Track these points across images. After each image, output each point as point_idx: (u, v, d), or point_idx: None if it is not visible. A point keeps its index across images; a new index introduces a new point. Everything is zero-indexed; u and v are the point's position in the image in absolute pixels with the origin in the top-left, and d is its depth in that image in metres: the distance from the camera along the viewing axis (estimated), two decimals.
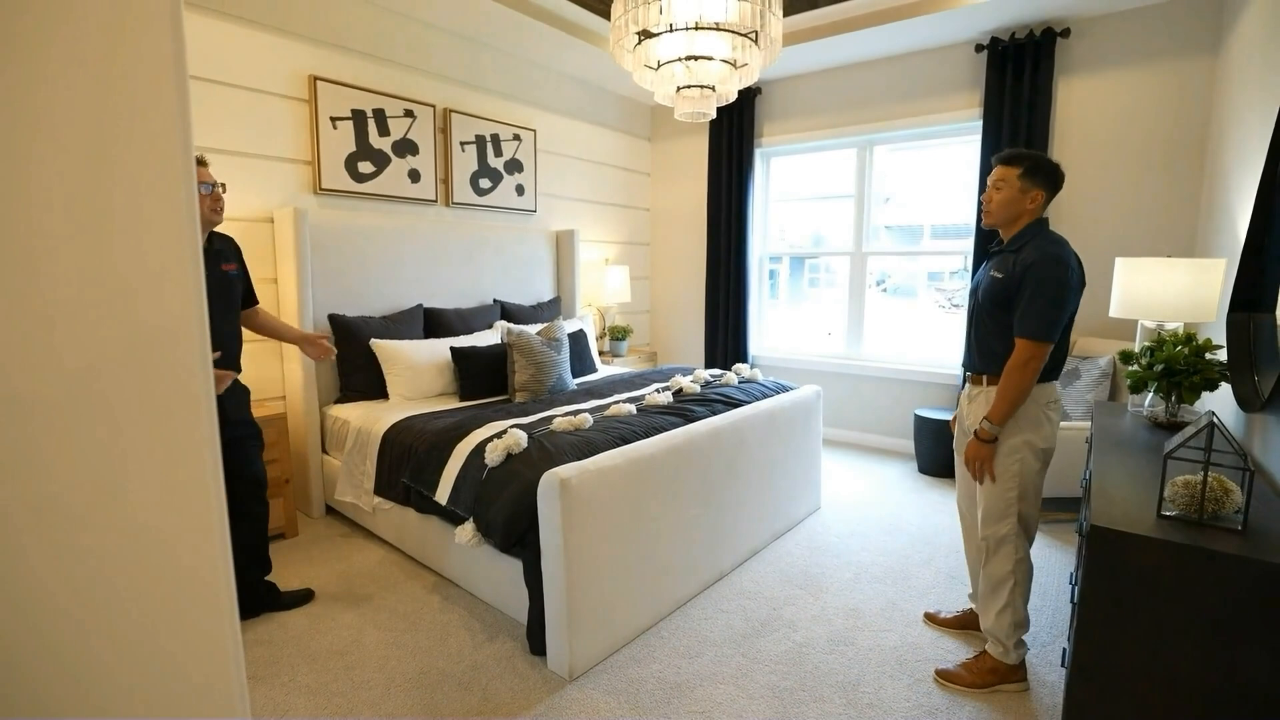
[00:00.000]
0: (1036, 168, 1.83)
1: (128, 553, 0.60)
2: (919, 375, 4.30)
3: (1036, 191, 1.84)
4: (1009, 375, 1.77)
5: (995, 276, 1.86)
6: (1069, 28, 3.56)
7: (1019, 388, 1.76)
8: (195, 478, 0.62)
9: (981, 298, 1.92)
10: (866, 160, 4.53)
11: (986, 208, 1.91)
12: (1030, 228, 1.85)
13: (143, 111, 0.57)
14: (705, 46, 2.52)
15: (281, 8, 3.08)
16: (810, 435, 3.20)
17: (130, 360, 0.59)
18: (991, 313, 1.87)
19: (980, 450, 1.86)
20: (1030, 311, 1.75)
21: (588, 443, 2.23)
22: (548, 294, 4.48)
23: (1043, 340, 1.74)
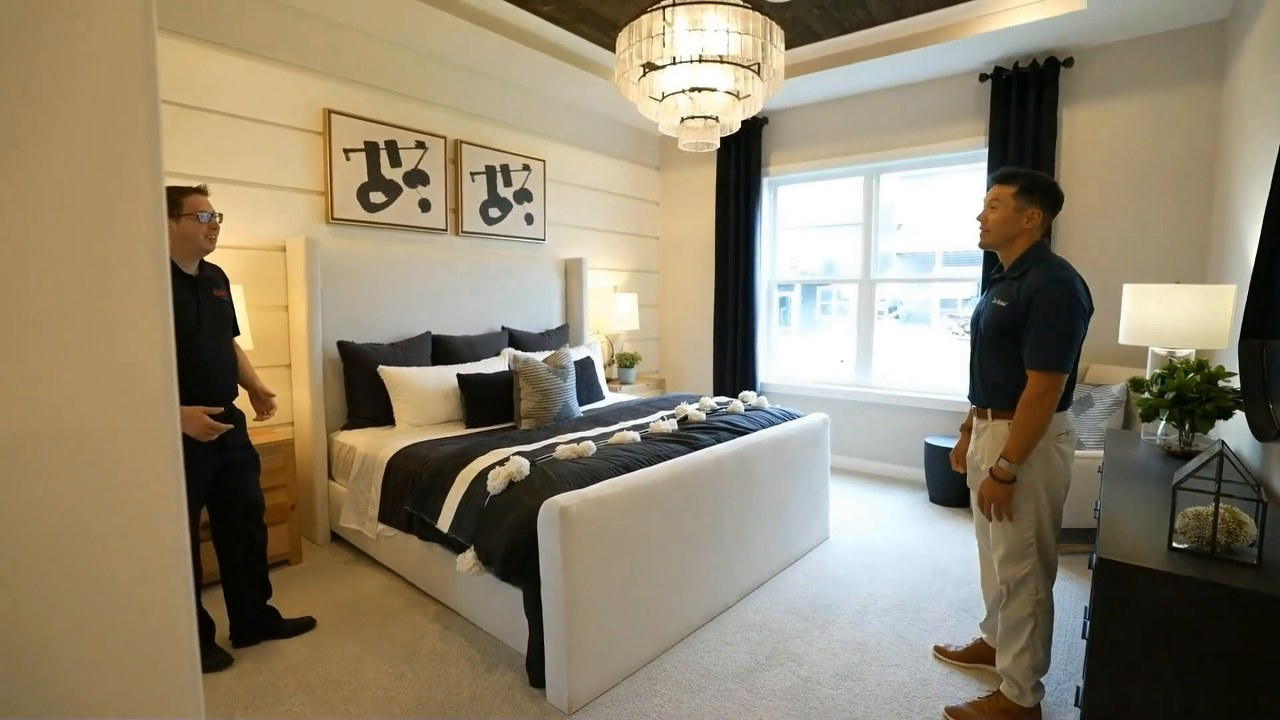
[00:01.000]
0: (1032, 186, 1.79)
1: (83, 593, 0.59)
2: (929, 403, 4.25)
3: (1033, 210, 1.79)
4: (1025, 410, 1.70)
5: (999, 305, 1.80)
6: (1071, 57, 3.59)
7: (1037, 422, 1.69)
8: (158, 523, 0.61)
9: (984, 328, 1.86)
10: (873, 188, 4.55)
11: (983, 227, 1.87)
12: (1031, 251, 1.80)
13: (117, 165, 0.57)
14: (708, 78, 2.56)
15: (299, 44, 3.18)
16: (818, 464, 3.16)
17: (101, 398, 0.58)
18: (996, 342, 1.81)
19: (997, 491, 1.76)
20: (1041, 341, 1.68)
21: (590, 471, 2.21)
22: (556, 321, 4.50)
23: (1057, 370, 1.67)
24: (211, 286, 2.15)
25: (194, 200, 2.03)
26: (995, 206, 1.84)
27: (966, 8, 3.43)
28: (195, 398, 2.05)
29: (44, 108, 0.54)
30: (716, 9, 2.38)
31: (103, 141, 0.57)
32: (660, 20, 2.40)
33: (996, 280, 1.90)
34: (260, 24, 3.04)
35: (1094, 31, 3.40)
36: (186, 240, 2.02)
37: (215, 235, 2.10)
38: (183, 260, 2.05)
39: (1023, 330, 1.74)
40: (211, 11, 2.88)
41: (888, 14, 3.54)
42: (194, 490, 2.07)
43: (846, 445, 4.64)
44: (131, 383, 0.60)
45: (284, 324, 3.22)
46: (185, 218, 2.00)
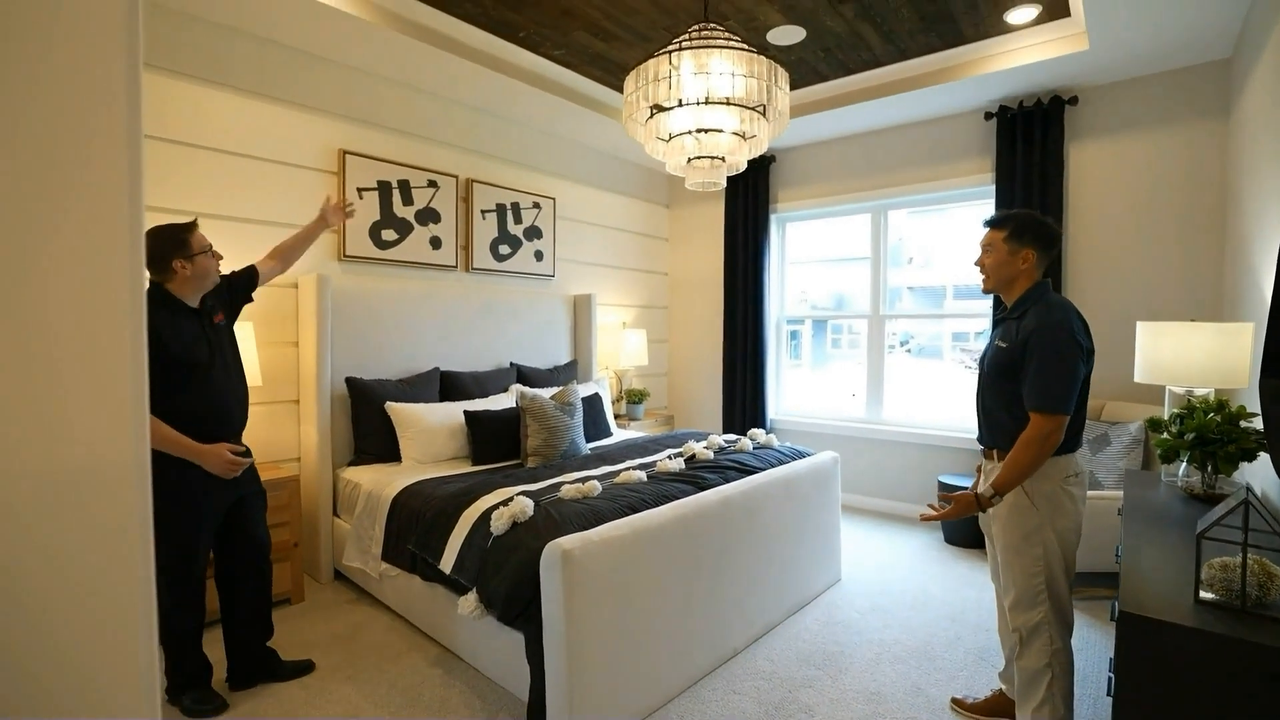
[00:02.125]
0: (1022, 228, 1.80)
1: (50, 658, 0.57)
2: (942, 440, 4.18)
3: (1026, 251, 1.79)
4: (1022, 448, 1.67)
5: (999, 346, 1.81)
6: (1076, 96, 3.62)
7: (1031, 461, 1.66)
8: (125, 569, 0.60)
9: (987, 367, 1.86)
10: (881, 224, 4.56)
11: (981, 273, 1.89)
12: (1031, 292, 1.80)
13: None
14: (714, 120, 2.60)
15: (316, 88, 3.27)
16: (828, 503, 3.10)
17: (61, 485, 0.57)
18: (997, 383, 1.80)
19: (965, 509, 1.76)
20: (1039, 382, 1.67)
21: (595, 511, 2.18)
22: (564, 357, 4.50)
23: (1056, 412, 1.65)
24: (212, 315, 2.13)
25: (199, 237, 2.03)
26: (988, 251, 1.86)
27: (969, 49, 3.48)
28: (212, 434, 2.03)
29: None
30: (722, 53, 2.42)
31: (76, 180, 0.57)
32: (666, 64, 2.44)
33: (1000, 320, 1.91)
34: (279, 69, 3.13)
35: (1097, 71, 3.43)
36: (203, 277, 2.03)
37: (220, 261, 2.10)
38: (189, 297, 2.04)
39: (1022, 371, 1.72)
40: (232, 57, 2.97)
41: (891, 56, 3.60)
42: (206, 529, 2.06)
43: (858, 483, 4.56)
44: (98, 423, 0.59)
45: (294, 360, 3.24)
46: (199, 256, 2.01)
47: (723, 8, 3.06)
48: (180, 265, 1.98)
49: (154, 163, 2.76)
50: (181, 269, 1.98)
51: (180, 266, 1.98)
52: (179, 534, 1.98)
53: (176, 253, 1.97)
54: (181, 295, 2.02)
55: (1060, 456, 1.72)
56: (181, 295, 2.02)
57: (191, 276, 2.00)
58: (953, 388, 4.49)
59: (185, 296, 2.03)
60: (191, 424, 1.98)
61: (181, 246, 1.98)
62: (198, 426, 2.00)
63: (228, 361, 2.13)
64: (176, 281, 2.00)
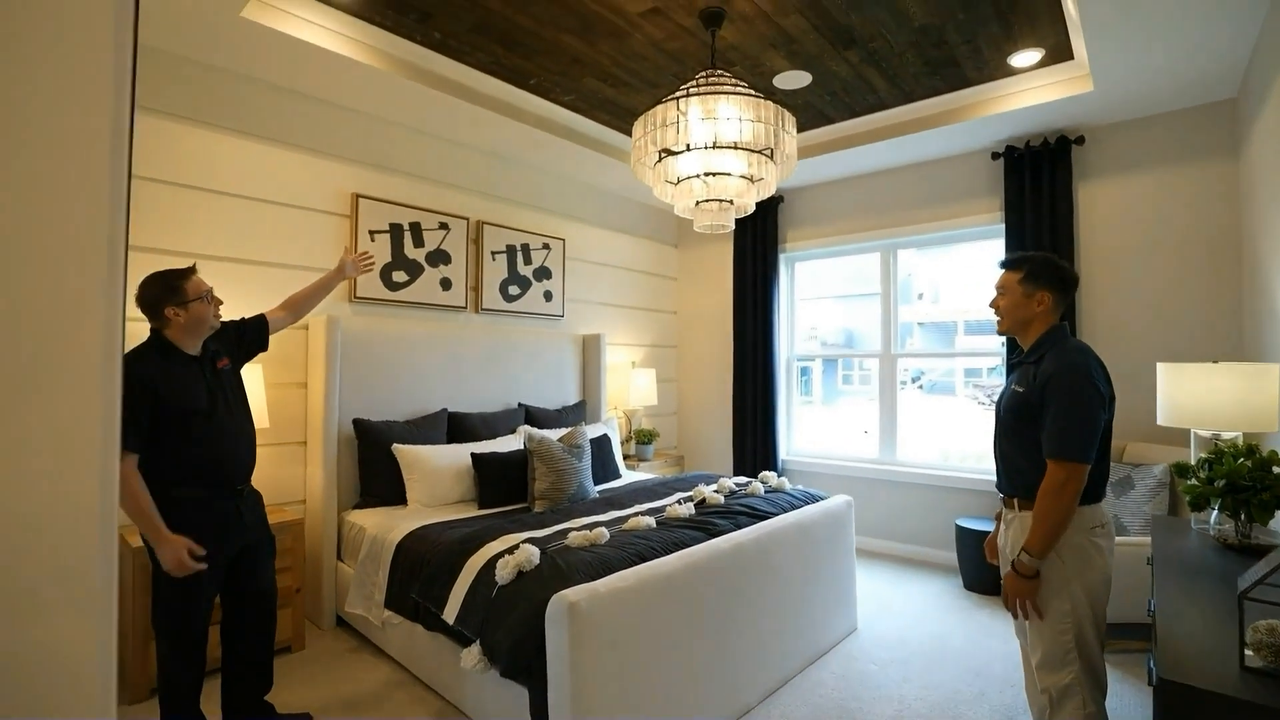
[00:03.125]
0: (1038, 270, 1.77)
1: None
2: (959, 481, 4.08)
3: (1042, 294, 1.76)
4: (1044, 500, 1.61)
5: (1016, 390, 1.77)
6: (1082, 135, 3.63)
7: (1057, 513, 1.59)
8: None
9: (1004, 413, 1.82)
10: (891, 263, 4.56)
11: (996, 314, 1.86)
12: (1049, 336, 1.76)
13: None
14: (722, 163, 2.62)
15: (330, 134, 3.34)
16: (842, 549, 3.01)
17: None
18: (1015, 429, 1.75)
19: (1020, 586, 1.65)
20: (1058, 429, 1.61)
21: (602, 560, 2.11)
22: (573, 397, 4.47)
23: (1076, 460, 1.58)
24: (215, 360, 2.09)
25: (196, 283, 1.98)
26: (1003, 293, 1.84)
27: (974, 91, 3.51)
28: (216, 481, 2.00)
29: None
30: (729, 98, 2.45)
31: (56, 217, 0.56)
32: (675, 110, 2.48)
33: (1016, 364, 1.86)
34: (295, 116, 3.21)
35: (1103, 112, 3.45)
36: (197, 324, 1.98)
37: (219, 310, 2.06)
38: (188, 343, 2.00)
39: (1040, 417, 1.68)
40: (249, 105, 3.05)
41: (897, 98, 3.64)
42: (208, 580, 1.99)
43: (873, 526, 4.45)
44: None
45: (302, 401, 3.23)
46: (193, 303, 1.96)
47: (729, 54, 3.12)
48: (173, 312, 1.94)
49: (169, 207, 2.81)
50: (175, 316, 1.94)
51: (173, 314, 1.94)
52: (179, 585, 1.92)
53: (169, 299, 1.94)
54: (179, 342, 1.98)
55: (1084, 506, 1.65)
56: (179, 342, 1.98)
57: (186, 323, 1.96)
58: (967, 424, 4.41)
59: (183, 344, 1.99)
60: (192, 472, 1.95)
61: (174, 293, 1.94)
62: (199, 474, 1.97)
63: (232, 407, 2.08)
64: (172, 329, 1.96)
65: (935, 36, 2.97)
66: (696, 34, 2.93)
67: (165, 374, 1.92)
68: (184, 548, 1.86)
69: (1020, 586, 1.65)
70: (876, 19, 2.82)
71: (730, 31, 2.91)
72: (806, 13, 2.78)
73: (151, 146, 2.76)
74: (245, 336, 2.28)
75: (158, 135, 2.78)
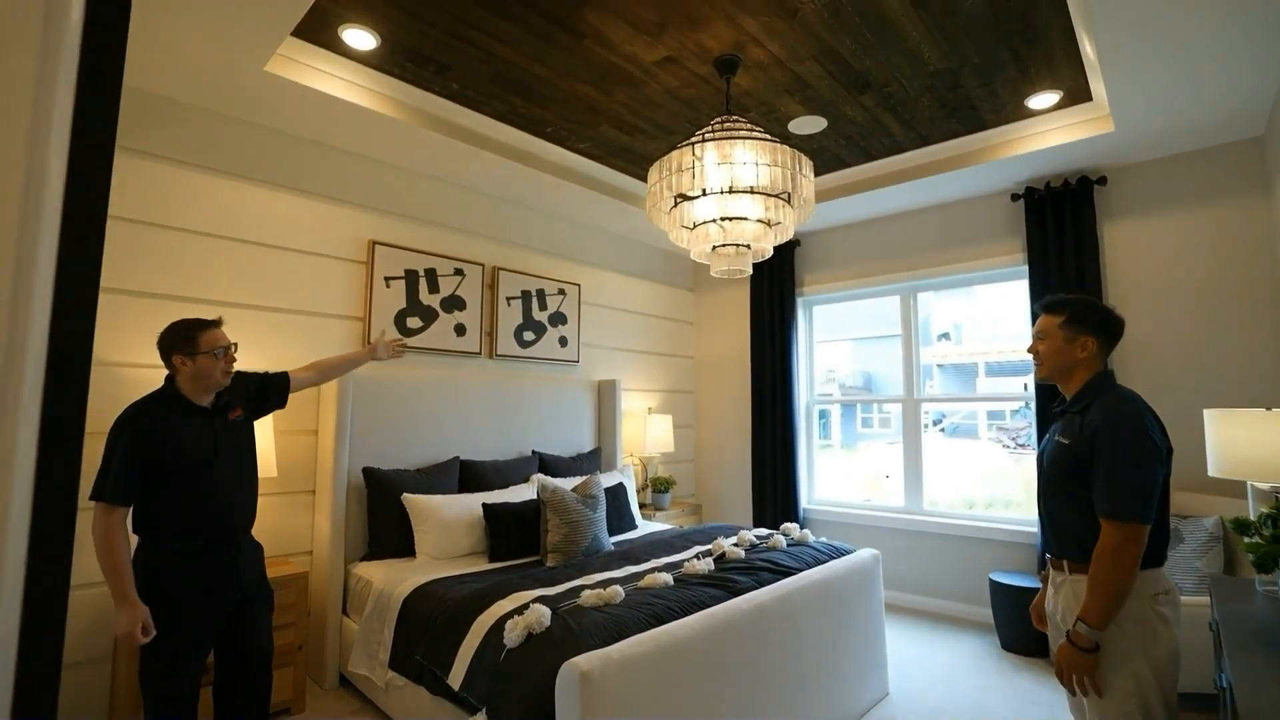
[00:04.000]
0: (1081, 314, 1.67)
1: None
2: (991, 533, 3.89)
3: (1085, 339, 1.65)
4: (1100, 565, 1.47)
5: (1061, 442, 1.64)
6: (1104, 176, 3.57)
7: (1116, 579, 1.45)
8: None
9: (1048, 467, 1.69)
10: (911, 306, 4.47)
11: (1036, 360, 1.75)
12: (1094, 383, 1.64)
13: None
14: (739, 208, 2.59)
15: (348, 183, 3.38)
16: (871, 607, 2.84)
17: None
18: (1062, 485, 1.63)
19: (1077, 660, 1.49)
20: (1111, 486, 1.48)
21: (617, 622, 1.99)
22: (588, 445, 4.38)
23: (1134, 520, 1.45)
24: (227, 411, 2.07)
25: (211, 336, 1.97)
26: (1043, 338, 1.73)
27: (991, 134, 3.48)
28: (213, 534, 1.95)
29: None
30: (745, 143, 2.43)
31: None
32: (690, 155, 2.46)
33: (1059, 413, 1.74)
34: (313, 165, 3.25)
35: (1125, 152, 3.40)
36: (202, 378, 1.96)
37: (231, 367, 2.03)
38: (197, 395, 1.98)
39: (1089, 472, 1.55)
40: (269, 155, 3.10)
41: (913, 141, 3.63)
42: (202, 637, 1.92)
43: (900, 579, 4.24)
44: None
45: (312, 449, 3.18)
46: (202, 355, 1.94)
47: (744, 100, 3.13)
48: (180, 361, 1.93)
49: (189, 256, 2.83)
50: (181, 365, 1.93)
51: (180, 362, 1.93)
52: (168, 645, 1.84)
53: (180, 347, 1.93)
54: (187, 392, 1.96)
55: (1145, 571, 1.50)
56: (187, 392, 1.96)
57: (191, 375, 1.94)
58: (992, 469, 4.23)
59: (191, 394, 1.97)
60: (189, 524, 1.91)
61: (186, 342, 1.94)
62: (196, 527, 1.92)
63: (236, 459, 2.05)
64: (180, 377, 1.96)
65: (950, 80, 2.96)
66: (711, 81, 2.94)
67: (166, 426, 1.89)
68: (141, 620, 1.77)
69: (1077, 661, 1.49)
70: (891, 64, 2.82)
71: (745, 78, 2.92)
72: (821, 59, 2.78)
73: (179, 197, 2.80)
74: (265, 392, 2.28)
75: (182, 185, 2.82)
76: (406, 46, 2.67)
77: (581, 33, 2.58)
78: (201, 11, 2.23)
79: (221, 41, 2.39)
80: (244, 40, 2.39)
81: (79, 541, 2.46)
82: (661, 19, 2.50)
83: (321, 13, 2.44)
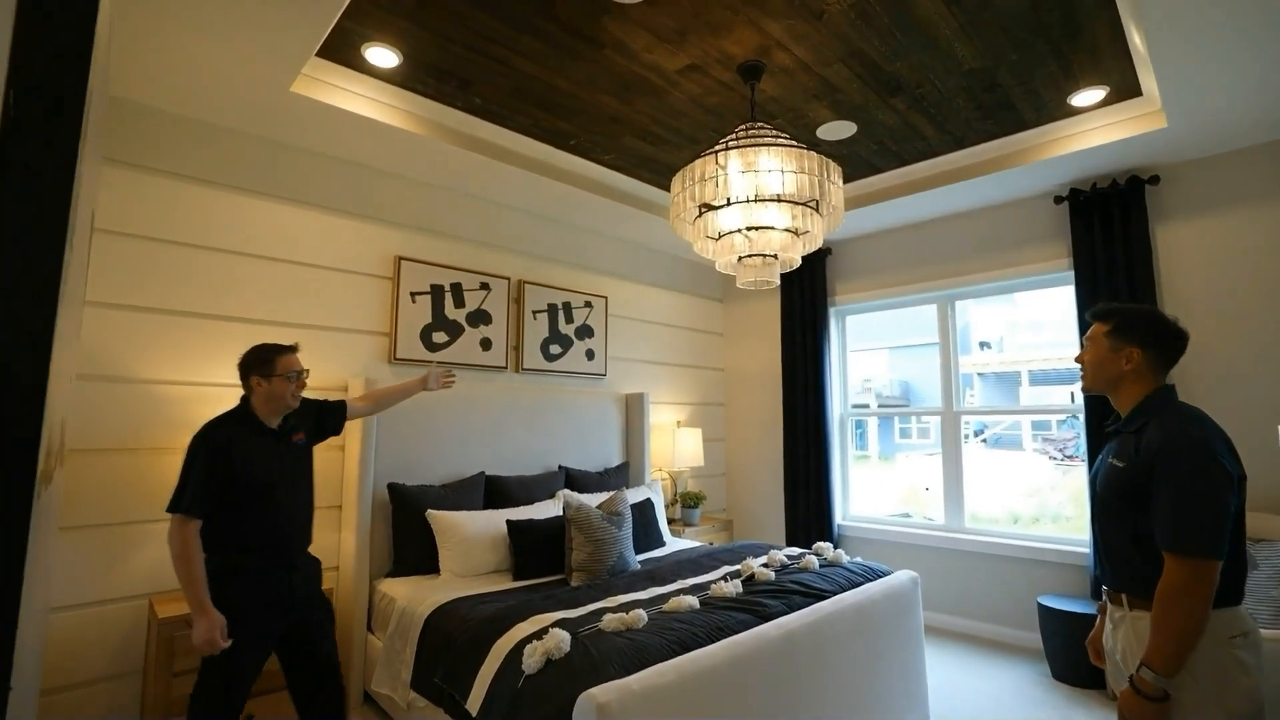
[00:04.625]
0: (1129, 323, 1.55)
1: None
2: (1040, 552, 3.68)
3: (1131, 350, 1.52)
4: (1165, 605, 1.32)
5: (1115, 465, 1.51)
6: (1157, 175, 3.37)
7: (1183, 621, 1.30)
8: None
9: (1101, 491, 1.54)
10: (949, 315, 4.30)
11: (1081, 369, 1.63)
12: (1150, 400, 1.50)
13: None
14: (765, 217, 2.50)
15: (373, 199, 3.40)
16: (909, 633, 2.70)
17: None
18: (1118, 511, 1.48)
19: (1143, 710, 1.33)
20: (1174, 517, 1.34)
21: (639, 648, 1.91)
22: (616, 459, 4.31)
23: (1202, 556, 1.30)
24: (293, 432, 2.20)
25: (287, 360, 2.12)
26: (1089, 345, 1.62)
27: (1031, 134, 3.33)
28: (272, 551, 2.07)
29: None
30: (770, 150, 2.36)
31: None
32: (713, 164, 2.39)
33: (1112, 432, 1.60)
34: (341, 183, 3.28)
35: (1179, 149, 3.20)
36: (275, 399, 2.10)
37: (301, 391, 2.16)
38: (268, 416, 2.12)
39: (1147, 498, 1.41)
40: (295, 173, 3.14)
41: (948, 145, 3.49)
42: (255, 656, 2.01)
43: (940, 600, 4.05)
44: None
45: (339, 465, 3.18)
46: (277, 377, 2.08)
47: (770, 107, 3.05)
48: (256, 381, 2.08)
49: (215, 273, 2.87)
50: (257, 385, 2.08)
51: (256, 383, 2.08)
52: (221, 664, 1.94)
53: (257, 368, 2.08)
54: (259, 413, 2.11)
55: (1219, 610, 1.33)
56: (259, 413, 2.11)
57: (264, 396, 2.08)
58: (1038, 482, 4.01)
59: (262, 415, 2.11)
60: (249, 541, 2.03)
61: (263, 365, 2.08)
62: (256, 544, 2.04)
63: (297, 482, 2.19)
64: (254, 397, 2.10)
65: (987, 80, 2.83)
66: (735, 88, 2.88)
67: (242, 443, 2.04)
68: (219, 627, 1.89)
69: (1144, 710, 1.34)
70: (923, 64, 2.71)
71: (770, 84, 2.85)
72: (849, 62, 2.69)
73: (206, 215, 2.85)
74: (325, 419, 2.42)
75: (209, 204, 2.87)
76: (428, 63, 2.67)
77: (602, 43, 2.55)
78: (228, 35, 2.26)
79: (248, 64, 2.43)
80: (270, 62, 2.42)
81: (105, 557, 2.51)
82: (683, 26, 2.45)
83: (344, 32, 2.46)
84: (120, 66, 2.43)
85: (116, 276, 2.62)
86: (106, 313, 2.59)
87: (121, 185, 2.65)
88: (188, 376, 2.77)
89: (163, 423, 2.68)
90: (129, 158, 2.67)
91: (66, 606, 2.43)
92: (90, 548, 2.50)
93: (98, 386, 2.54)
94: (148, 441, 2.65)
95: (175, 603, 2.50)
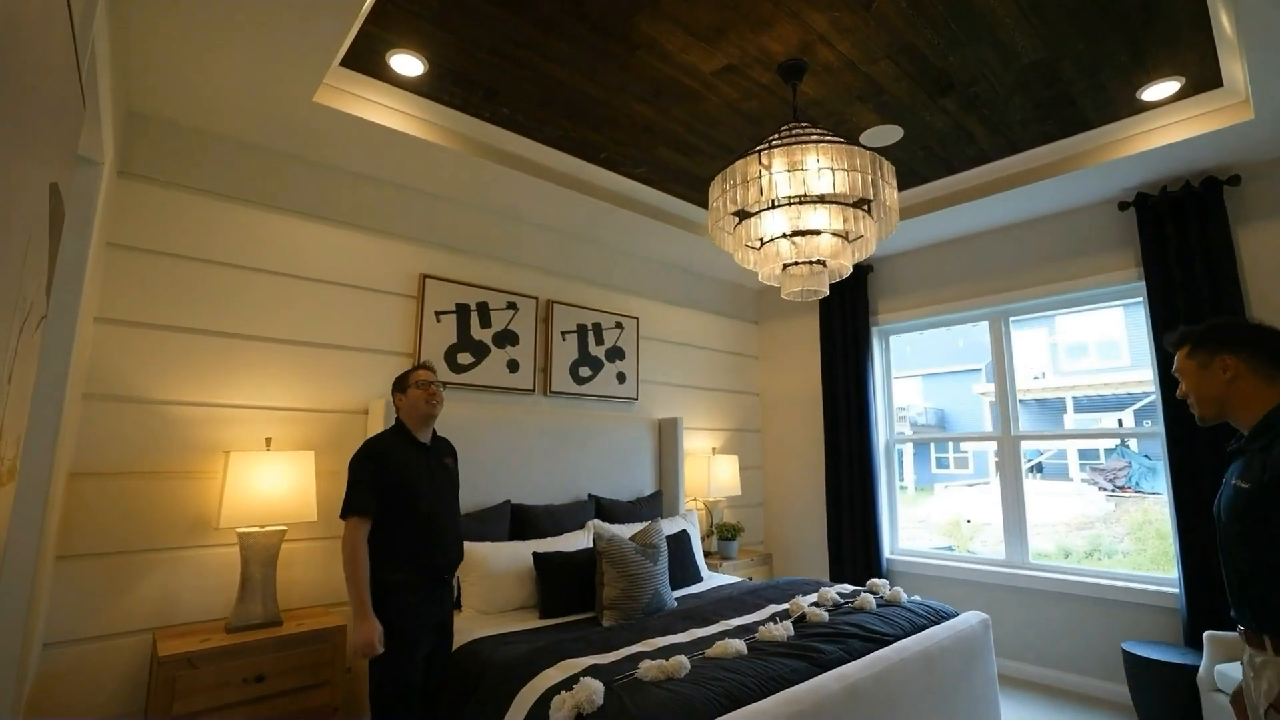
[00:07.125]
0: (1205, 336, 1.48)
1: None
2: (1118, 591, 3.32)
3: (1223, 358, 1.43)
4: None
5: (1240, 487, 1.34)
6: (1237, 174, 3.10)
7: None
8: None
9: (1225, 517, 1.37)
10: (1003, 333, 4.03)
11: (1190, 403, 1.51)
12: (1275, 412, 1.34)
13: None
14: (812, 220, 2.31)
15: (398, 215, 3.30)
16: (983, 684, 2.40)
17: None
18: (1245, 539, 1.31)
19: None
20: None
21: (683, 703, 1.67)
22: (648, 488, 4.09)
23: None
24: (442, 455, 2.37)
25: (417, 374, 2.31)
26: (1181, 378, 1.52)
27: (1094, 135, 3.10)
28: (431, 563, 2.17)
29: None
30: (817, 148, 2.17)
31: None
32: (756, 164, 2.22)
33: (1234, 453, 1.43)
34: (368, 200, 3.19)
35: (1264, 144, 2.94)
36: (414, 408, 2.27)
37: (435, 400, 2.29)
38: (416, 428, 2.29)
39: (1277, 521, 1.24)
40: (318, 189, 3.05)
41: (1000, 149, 3.28)
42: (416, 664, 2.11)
43: (1010, 644, 3.69)
44: None
45: None
46: (411, 388, 2.27)
47: (811, 110, 2.88)
48: (398, 398, 2.31)
49: (237, 291, 2.77)
50: (399, 400, 2.31)
51: (398, 399, 2.31)
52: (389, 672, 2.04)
53: (396, 387, 2.32)
54: (410, 427, 2.29)
55: None
56: (410, 427, 2.29)
57: (406, 407, 2.28)
58: (1090, 514, 3.68)
59: (414, 429, 2.29)
60: (404, 557, 2.12)
61: (400, 382, 2.31)
62: (410, 561, 2.13)
63: (449, 498, 2.33)
64: (402, 412, 2.30)
65: (1047, 74, 2.62)
66: (775, 91, 2.72)
67: (396, 452, 2.21)
68: (378, 633, 2.00)
69: None
70: (979, 58, 2.52)
71: (811, 85, 2.68)
72: (898, 58, 2.52)
73: (229, 233, 2.76)
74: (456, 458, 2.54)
75: (232, 221, 2.78)
76: (454, 71, 2.57)
77: (635, 43, 2.42)
78: (250, 46, 2.19)
79: (270, 74, 2.35)
80: (292, 71, 2.34)
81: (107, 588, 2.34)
82: (721, 22, 2.31)
83: (369, 39, 2.37)
84: (139, 80, 2.38)
85: (130, 292, 2.52)
86: (119, 330, 2.49)
87: (137, 199, 2.57)
88: (202, 397, 2.65)
89: (174, 445, 2.56)
90: (145, 171, 2.60)
91: (61, 641, 2.27)
92: (90, 578, 2.35)
93: (105, 406, 2.42)
94: (156, 465, 2.52)
95: (179, 639, 2.33)
